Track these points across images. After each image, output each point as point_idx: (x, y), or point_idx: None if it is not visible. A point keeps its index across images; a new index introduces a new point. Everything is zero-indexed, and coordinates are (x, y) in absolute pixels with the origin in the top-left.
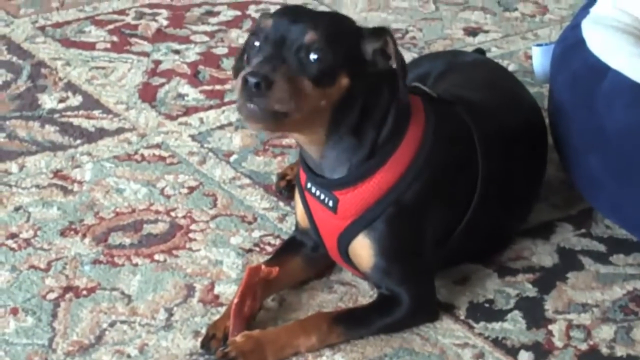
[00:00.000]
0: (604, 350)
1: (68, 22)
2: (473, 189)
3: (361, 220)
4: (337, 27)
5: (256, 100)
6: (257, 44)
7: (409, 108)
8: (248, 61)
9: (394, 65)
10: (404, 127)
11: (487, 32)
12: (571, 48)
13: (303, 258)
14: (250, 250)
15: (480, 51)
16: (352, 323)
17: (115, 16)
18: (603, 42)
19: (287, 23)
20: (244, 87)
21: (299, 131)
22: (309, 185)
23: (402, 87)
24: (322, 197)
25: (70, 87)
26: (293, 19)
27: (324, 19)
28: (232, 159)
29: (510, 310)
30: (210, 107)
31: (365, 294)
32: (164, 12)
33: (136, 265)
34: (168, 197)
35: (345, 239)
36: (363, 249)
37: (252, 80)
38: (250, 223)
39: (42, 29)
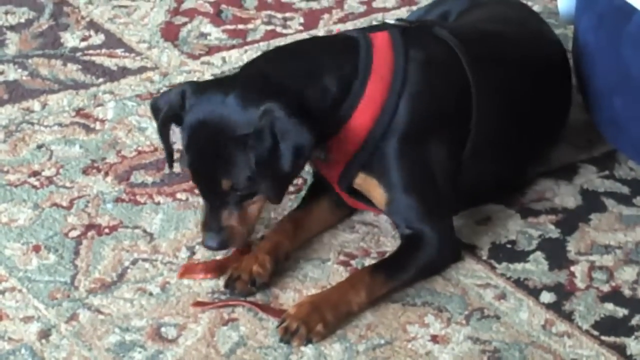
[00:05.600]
0: (626, 292)
1: None
2: (468, 116)
3: (354, 161)
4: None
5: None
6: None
7: (368, 49)
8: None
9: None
10: (367, 72)
11: None
12: None
13: (329, 202)
14: None
15: None
16: (390, 269)
17: None
18: None
19: (202, 178)
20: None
21: None
22: None
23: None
24: None
25: (93, 25)
26: (204, 171)
27: (223, 150)
28: None
29: (533, 251)
30: (233, 47)
31: (387, 234)
32: None
33: (158, 203)
34: None
35: (345, 181)
36: (370, 186)
37: (214, 246)
38: None
39: None
